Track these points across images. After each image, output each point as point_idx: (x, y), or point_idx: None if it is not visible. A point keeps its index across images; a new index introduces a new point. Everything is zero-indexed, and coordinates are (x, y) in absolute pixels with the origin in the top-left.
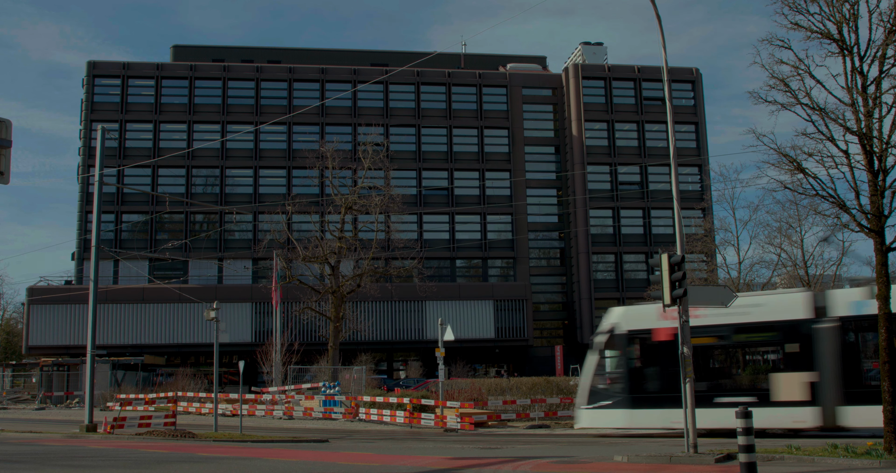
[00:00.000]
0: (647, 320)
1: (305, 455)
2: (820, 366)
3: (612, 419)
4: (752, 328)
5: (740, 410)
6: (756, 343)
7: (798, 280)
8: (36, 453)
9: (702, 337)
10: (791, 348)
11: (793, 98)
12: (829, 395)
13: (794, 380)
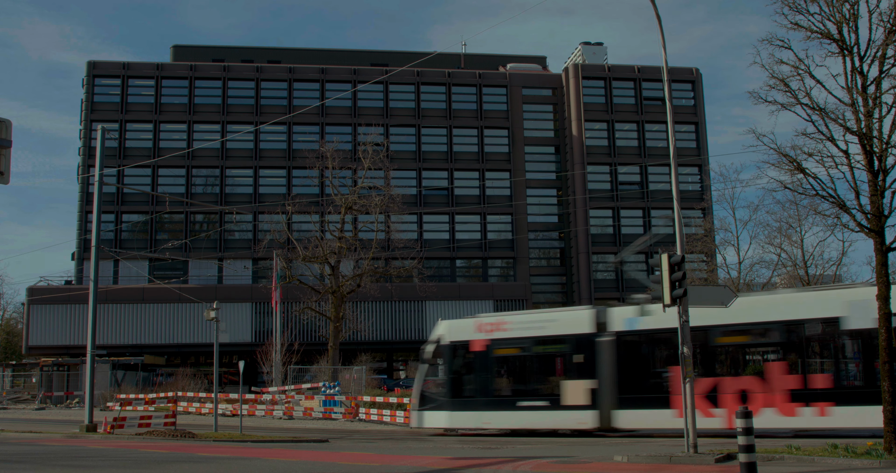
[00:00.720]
0: (466, 332)
1: (305, 455)
2: (599, 375)
3: (437, 420)
4: (548, 340)
5: (740, 410)
6: (551, 354)
7: (798, 280)
8: (36, 453)
9: (509, 348)
10: (577, 358)
11: (793, 98)
12: (606, 400)
13: (579, 387)
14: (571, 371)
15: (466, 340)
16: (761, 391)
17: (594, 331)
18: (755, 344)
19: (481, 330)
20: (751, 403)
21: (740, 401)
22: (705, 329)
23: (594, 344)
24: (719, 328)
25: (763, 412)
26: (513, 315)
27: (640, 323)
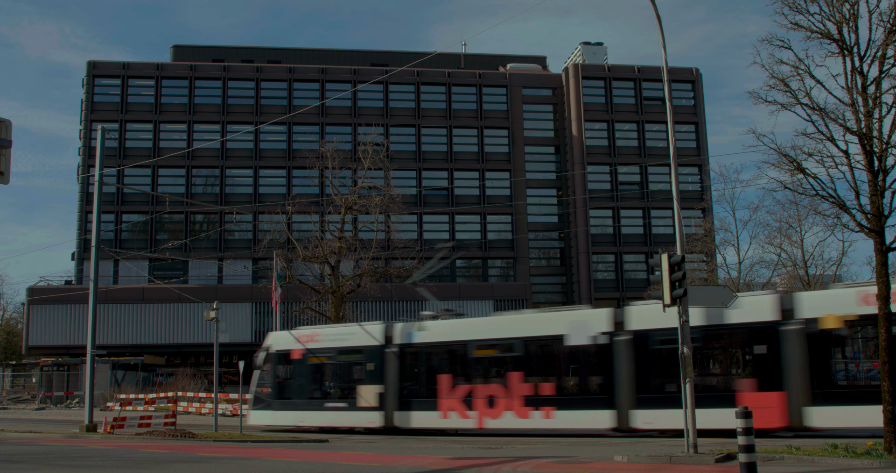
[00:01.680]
0: (288, 342)
1: (305, 455)
2: (386, 381)
3: (264, 418)
4: (348, 350)
5: (740, 410)
6: (351, 362)
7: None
8: (36, 453)
9: (320, 357)
10: (370, 367)
11: (793, 98)
12: (390, 403)
13: (370, 391)
14: (365, 378)
15: (288, 349)
16: (504, 397)
17: (383, 343)
18: (501, 357)
19: (300, 341)
20: (496, 407)
21: (489, 406)
22: (464, 343)
23: (383, 354)
24: (475, 342)
25: (505, 415)
26: (325, 328)
27: (417, 337)
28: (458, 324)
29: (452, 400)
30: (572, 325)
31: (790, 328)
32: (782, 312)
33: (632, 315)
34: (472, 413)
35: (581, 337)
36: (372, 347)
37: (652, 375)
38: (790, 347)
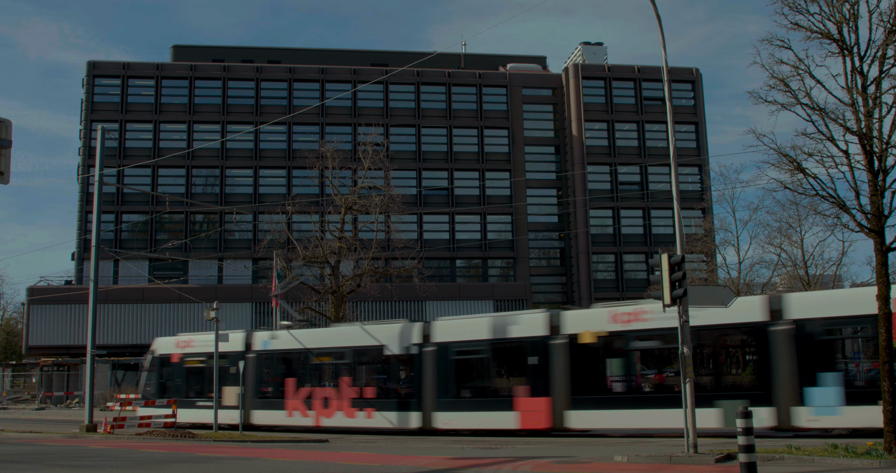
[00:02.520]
0: (169, 347)
1: (305, 455)
2: (245, 383)
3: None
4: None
5: (740, 410)
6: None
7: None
8: (36, 453)
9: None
10: (232, 370)
11: (793, 98)
12: (248, 403)
13: (233, 392)
14: (229, 380)
15: (169, 353)
16: (336, 399)
17: (243, 349)
18: (335, 363)
19: (178, 346)
20: (330, 407)
21: (324, 406)
22: (306, 351)
23: (243, 359)
24: (315, 351)
25: (336, 414)
26: (198, 335)
27: (270, 345)
28: (303, 333)
29: (296, 401)
30: (391, 337)
31: (556, 342)
32: (550, 328)
33: (437, 329)
34: (311, 413)
35: (397, 348)
36: (234, 352)
37: (450, 382)
38: (556, 359)
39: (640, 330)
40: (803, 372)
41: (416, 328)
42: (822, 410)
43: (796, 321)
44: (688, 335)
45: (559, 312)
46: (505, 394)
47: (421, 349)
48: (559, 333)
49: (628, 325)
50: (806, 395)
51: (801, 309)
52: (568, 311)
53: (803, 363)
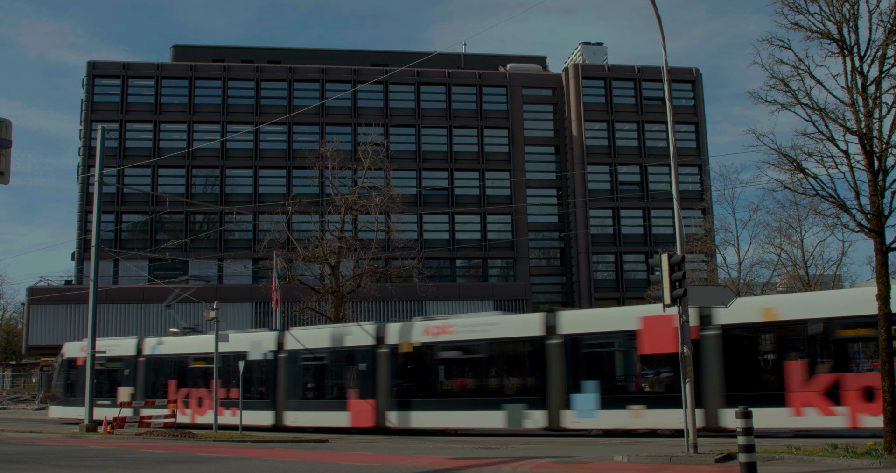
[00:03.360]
0: (76, 350)
1: (305, 455)
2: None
3: (57, 412)
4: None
5: (740, 410)
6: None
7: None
8: (36, 453)
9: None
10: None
11: (793, 98)
12: None
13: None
14: (123, 381)
15: (75, 356)
16: (208, 398)
17: (135, 354)
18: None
19: (83, 350)
20: (203, 407)
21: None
22: (185, 356)
23: (135, 363)
24: (192, 356)
25: (208, 413)
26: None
27: (157, 350)
28: (185, 340)
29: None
30: (253, 344)
31: (380, 351)
32: (377, 338)
33: (287, 338)
34: (189, 411)
35: (257, 354)
36: (127, 357)
37: (298, 385)
38: (380, 366)
39: (447, 341)
40: (570, 381)
41: (272, 337)
42: (584, 413)
43: (565, 336)
44: (687, 335)
45: (384, 324)
46: (340, 396)
47: (276, 356)
48: (384, 343)
49: (437, 337)
50: (572, 400)
51: (570, 325)
52: (391, 324)
53: (570, 373)
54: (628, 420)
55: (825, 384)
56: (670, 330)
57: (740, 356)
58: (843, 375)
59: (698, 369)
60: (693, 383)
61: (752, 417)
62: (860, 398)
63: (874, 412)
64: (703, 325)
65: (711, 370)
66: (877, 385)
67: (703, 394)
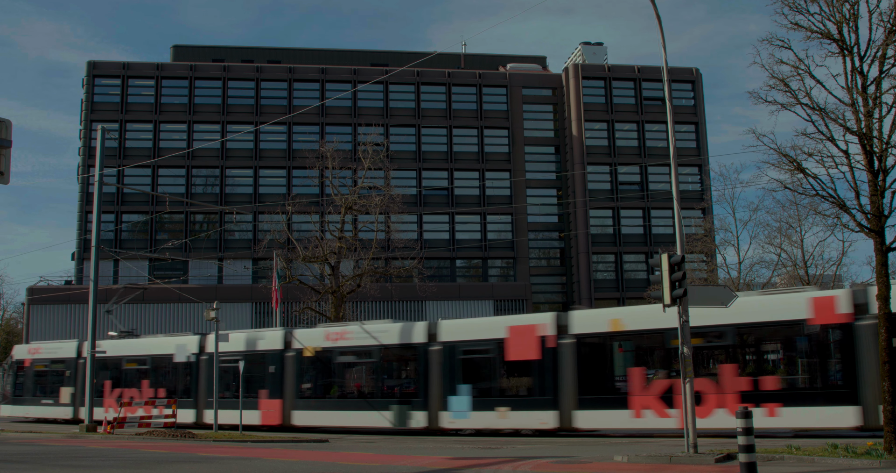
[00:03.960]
0: (23, 353)
1: (305, 455)
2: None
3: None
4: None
5: (740, 410)
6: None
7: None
8: (36, 453)
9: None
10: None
11: (793, 98)
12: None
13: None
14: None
15: (23, 358)
16: (139, 398)
17: (75, 356)
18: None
19: (30, 352)
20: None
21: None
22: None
23: (75, 365)
24: (126, 358)
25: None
26: (44, 343)
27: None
28: (120, 343)
29: (111, 400)
30: (178, 347)
31: (288, 355)
32: (285, 342)
33: (209, 341)
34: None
35: (182, 356)
36: (69, 358)
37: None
38: (288, 368)
39: (344, 346)
40: (447, 384)
41: (195, 341)
42: (458, 414)
43: (444, 343)
44: (687, 335)
45: (292, 330)
46: (252, 396)
47: (197, 358)
48: (291, 347)
49: (336, 342)
50: (449, 403)
51: (448, 334)
52: (298, 329)
53: (447, 378)
54: (496, 420)
55: (661, 389)
56: (532, 339)
57: (591, 363)
58: (676, 381)
59: (556, 374)
60: (693, 383)
61: (751, 417)
62: None
63: (702, 414)
64: (559, 334)
65: (566, 376)
66: (705, 390)
67: (559, 397)
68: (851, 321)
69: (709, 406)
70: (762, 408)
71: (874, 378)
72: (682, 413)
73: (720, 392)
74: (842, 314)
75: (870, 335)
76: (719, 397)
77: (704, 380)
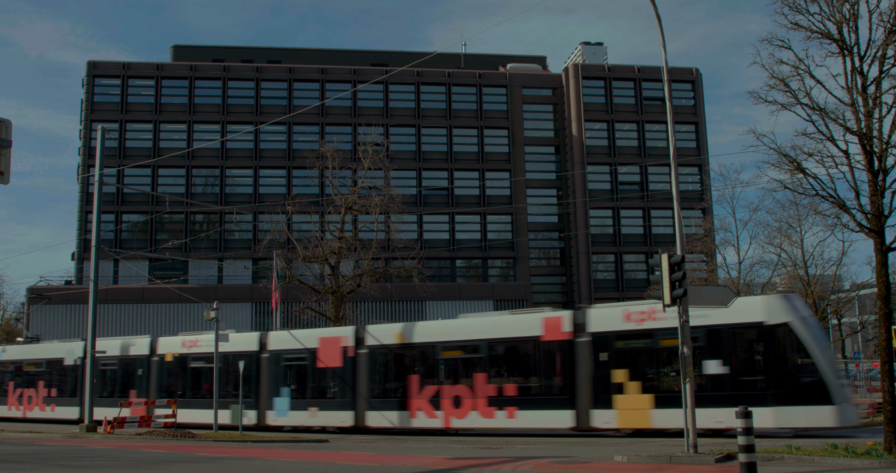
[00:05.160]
0: None
1: (305, 455)
2: None
3: None
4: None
5: (741, 410)
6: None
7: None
8: (36, 453)
9: None
10: None
11: (793, 98)
12: None
13: None
14: None
15: None
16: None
17: None
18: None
19: None
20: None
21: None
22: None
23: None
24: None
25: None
26: None
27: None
28: (21, 348)
29: (13, 399)
30: (67, 351)
31: (153, 359)
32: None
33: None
34: (22, 407)
35: (70, 360)
36: None
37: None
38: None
39: (195, 353)
40: (273, 387)
41: (79, 346)
42: (280, 413)
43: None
44: (687, 335)
45: (157, 338)
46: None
47: (81, 361)
48: (156, 353)
49: (190, 349)
50: (274, 403)
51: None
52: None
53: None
54: (308, 419)
55: (430, 394)
56: (337, 349)
57: (380, 371)
58: (442, 386)
59: (354, 379)
60: (692, 383)
61: (751, 417)
62: (451, 405)
63: (460, 416)
64: (357, 345)
65: (361, 381)
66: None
67: (355, 399)
68: (572, 338)
69: (465, 409)
70: (504, 411)
71: (587, 387)
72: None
73: (474, 397)
74: (565, 331)
75: (585, 351)
76: (473, 401)
77: (462, 387)
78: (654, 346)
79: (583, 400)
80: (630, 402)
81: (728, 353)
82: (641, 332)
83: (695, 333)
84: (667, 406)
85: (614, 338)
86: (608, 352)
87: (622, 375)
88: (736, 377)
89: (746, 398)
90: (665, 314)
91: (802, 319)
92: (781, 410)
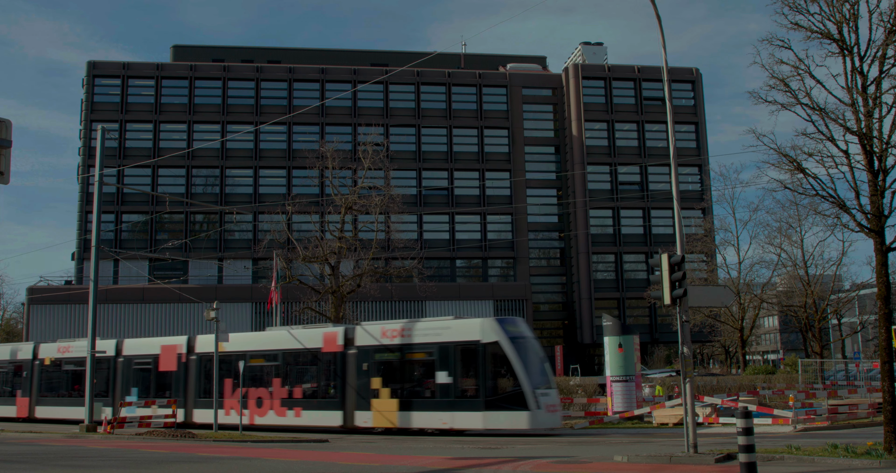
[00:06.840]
0: None
1: (305, 455)
2: None
3: None
4: None
5: (741, 410)
6: None
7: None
8: (36, 453)
9: None
10: None
11: (793, 98)
12: None
13: None
14: None
15: None
16: None
17: None
18: None
19: None
20: None
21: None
22: None
23: None
24: None
25: None
26: None
27: None
28: None
29: None
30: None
31: (35, 363)
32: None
33: None
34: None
35: None
36: None
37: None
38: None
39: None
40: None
41: None
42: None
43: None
44: (688, 334)
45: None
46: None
47: None
48: (38, 357)
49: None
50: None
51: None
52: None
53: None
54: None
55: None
56: (174, 355)
57: (205, 374)
58: (249, 389)
59: (186, 381)
60: (692, 383)
61: (751, 417)
62: (255, 405)
63: (261, 414)
64: (189, 352)
65: (192, 383)
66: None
67: (186, 398)
68: (343, 351)
69: (265, 409)
70: (293, 411)
71: (353, 392)
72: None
73: (272, 399)
74: (339, 344)
75: (353, 361)
76: (271, 401)
77: (263, 389)
78: (401, 358)
79: (349, 403)
80: (383, 405)
81: (453, 366)
82: (393, 347)
83: (429, 348)
84: (408, 410)
85: (373, 351)
86: (368, 363)
87: (378, 382)
88: (458, 386)
89: (465, 405)
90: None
91: (511, 339)
92: (488, 414)
